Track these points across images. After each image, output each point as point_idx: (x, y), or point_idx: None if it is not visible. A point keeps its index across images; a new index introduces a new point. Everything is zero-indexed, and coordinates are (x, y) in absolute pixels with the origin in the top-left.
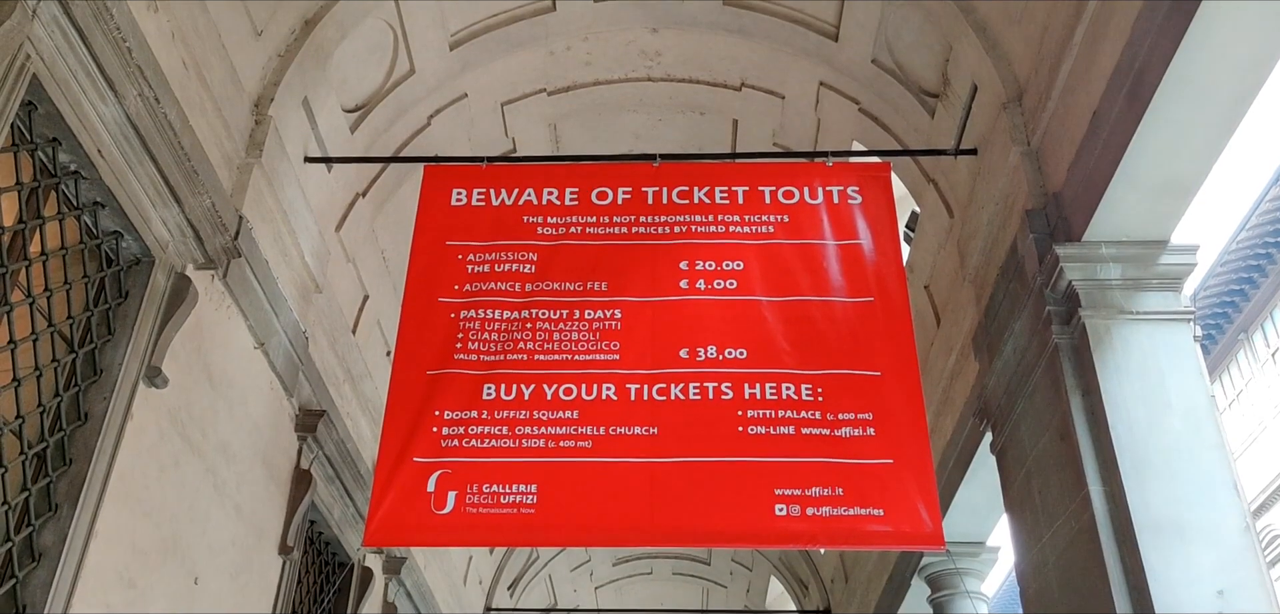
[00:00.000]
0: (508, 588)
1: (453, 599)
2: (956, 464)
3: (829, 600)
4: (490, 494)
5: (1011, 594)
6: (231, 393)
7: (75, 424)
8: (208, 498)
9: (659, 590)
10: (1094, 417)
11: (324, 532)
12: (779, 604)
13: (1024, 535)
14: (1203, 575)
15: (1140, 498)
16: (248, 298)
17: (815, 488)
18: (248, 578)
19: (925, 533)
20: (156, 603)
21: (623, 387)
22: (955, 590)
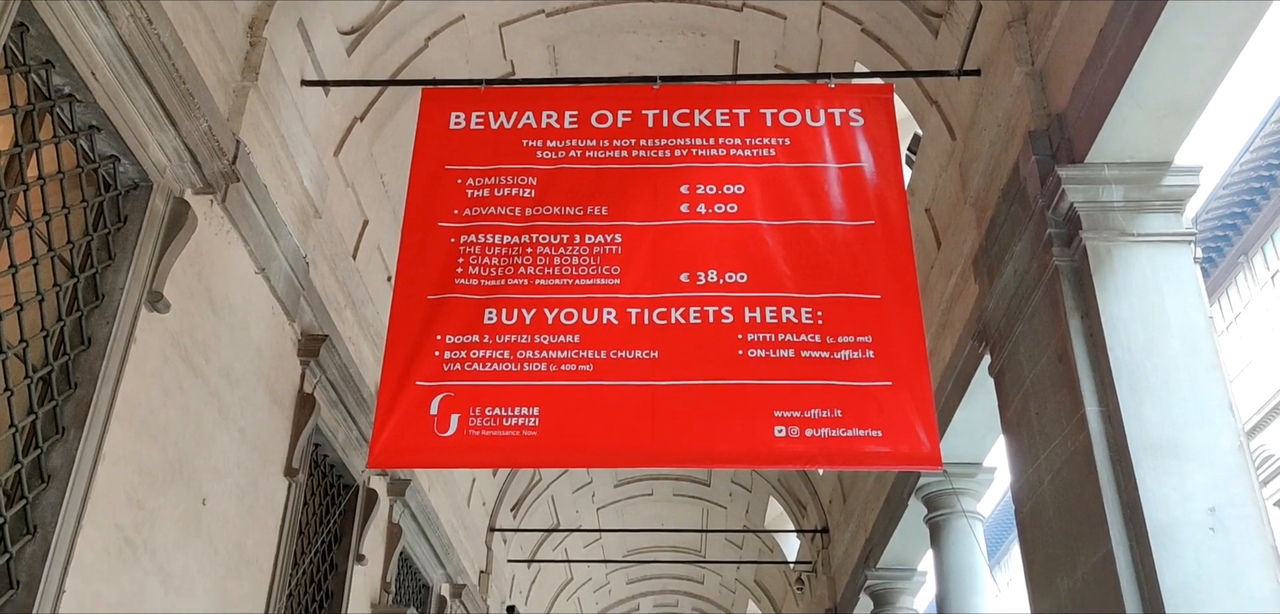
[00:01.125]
0: (511, 509)
1: (457, 520)
2: (955, 386)
3: (827, 520)
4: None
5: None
6: (233, 318)
7: (79, 348)
8: (212, 422)
9: (659, 511)
10: (1092, 338)
11: (328, 455)
12: (778, 525)
13: (1020, 456)
14: (1195, 493)
15: (1136, 418)
16: (247, 223)
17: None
18: (254, 500)
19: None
20: (165, 524)
21: (623, 311)
22: (951, 510)
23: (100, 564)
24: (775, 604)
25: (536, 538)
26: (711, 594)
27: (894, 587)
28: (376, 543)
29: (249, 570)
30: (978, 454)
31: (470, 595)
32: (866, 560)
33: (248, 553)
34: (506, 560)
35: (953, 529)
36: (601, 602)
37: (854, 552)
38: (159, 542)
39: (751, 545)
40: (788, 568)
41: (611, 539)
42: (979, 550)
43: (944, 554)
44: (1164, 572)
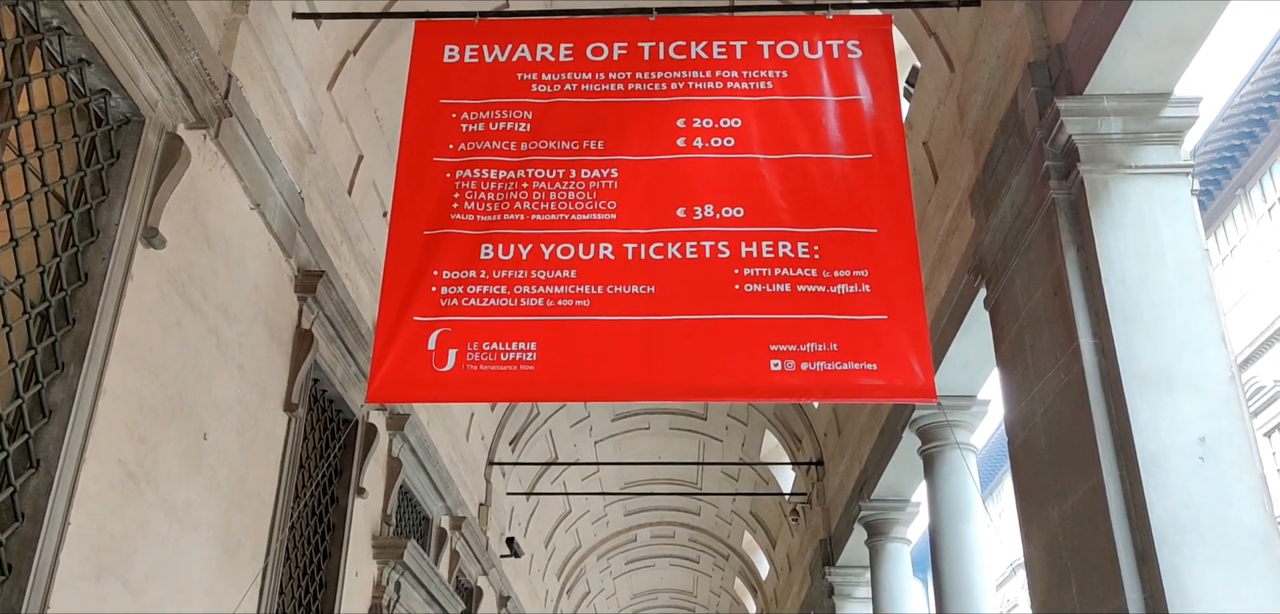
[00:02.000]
0: (509, 443)
1: (456, 454)
2: (950, 319)
3: (822, 453)
4: (490, 352)
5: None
6: (230, 254)
7: (76, 284)
8: (211, 357)
9: (656, 445)
10: (1088, 271)
11: (327, 390)
12: (773, 457)
13: (1014, 388)
14: (1186, 424)
15: (1129, 350)
16: (241, 158)
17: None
18: (254, 435)
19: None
20: (167, 458)
21: (620, 246)
22: (945, 442)
23: (104, 497)
24: (770, 535)
25: (535, 471)
26: (707, 525)
27: (888, 517)
28: (377, 477)
29: (251, 503)
30: (972, 387)
31: (470, 527)
32: (861, 492)
33: (249, 486)
34: (505, 493)
35: (946, 461)
36: (599, 533)
37: (848, 483)
38: (161, 475)
39: (747, 478)
40: (783, 500)
41: (609, 472)
42: (972, 481)
43: (937, 485)
44: (1153, 500)
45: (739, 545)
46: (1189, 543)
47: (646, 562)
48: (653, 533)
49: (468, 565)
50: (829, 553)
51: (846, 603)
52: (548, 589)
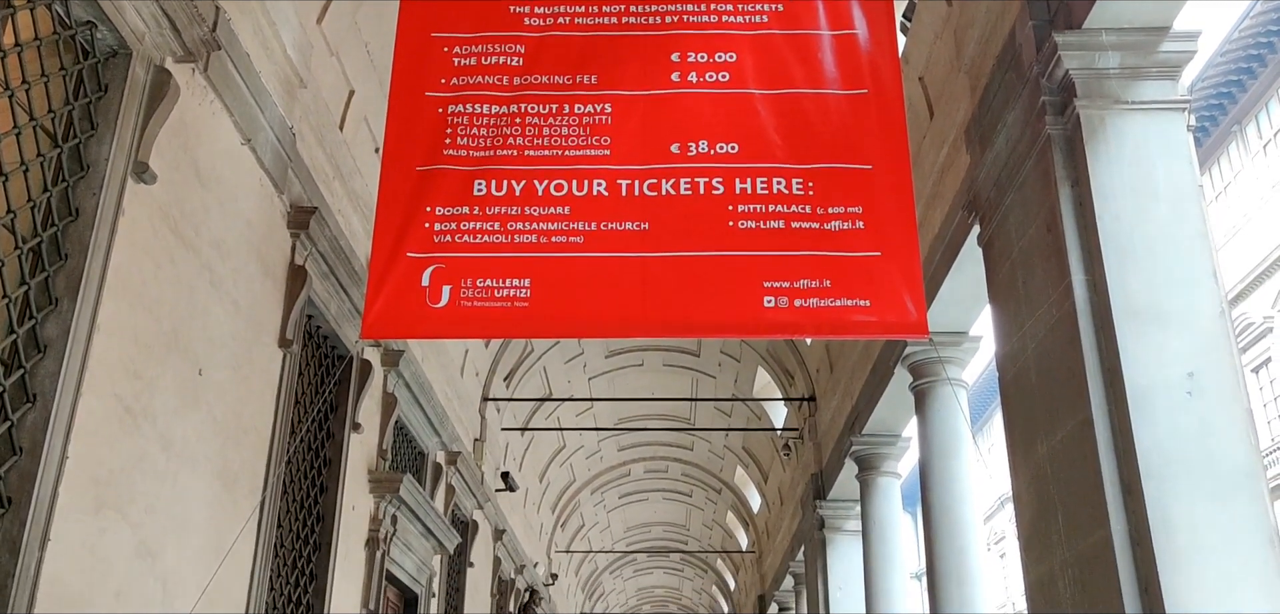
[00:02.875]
0: (504, 379)
1: (450, 390)
2: (944, 256)
3: (814, 389)
4: (484, 288)
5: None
6: (221, 189)
7: (67, 219)
8: (205, 293)
9: (650, 381)
10: (1081, 207)
11: (321, 326)
12: (766, 393)
13: (1006, 324)
14: (1175, 359)
15: (1121, 286)
16: (231, 92)
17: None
18: (250, 371)
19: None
20: (163, 393)
21: (614, 182)
22: (937, 378)
23: (101, 431)
24: (762, 470)
25: (529, 407)
26: (700, 460)
27: (878, 452)
28: (372, 412)
29: (248, 438)
30: (964, 323)
31: (465, 462)
32: (852, 427)
33: (246, 422)
34: (500, 429)
35: (937, 396)
36: (593, 468)
37: (840, 419)
38: (158, 410)
39: (740, 413)
40: (775, 435)
41: (603, 408)
42: (962, 416)
43: (928, 420)
44: (1140, 433)
45: (731, 480)
46: (1174, 475)
47: (640, 496)
48: (646, 468)
49: (463, 500)
50: (820, 487)
51: (837, 536)
52: (543, 523)
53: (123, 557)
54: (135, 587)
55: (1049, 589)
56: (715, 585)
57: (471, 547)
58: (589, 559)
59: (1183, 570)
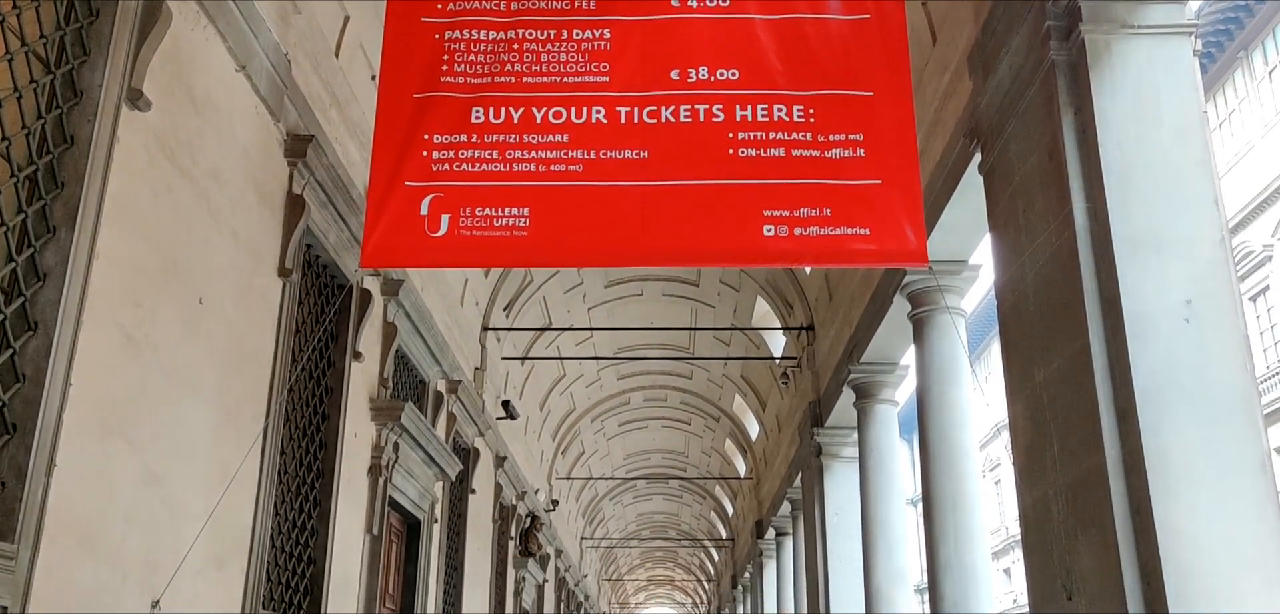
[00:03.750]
0: (503, 309)
1: (450, 320)
2: (944, 184)
3: (813, 318)
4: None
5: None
6: (217, 117)
7: (62, 147)
8: (204, 223)
9: (649, 310)
10: (1084, 134)
11: (320, 256)
12: (765, 323)
13: (1005, 253)
14: (1173, 286)
15: (1122, 213)
16: (224, 18)
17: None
18: (250, 300)
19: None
20: (164, 323)
21: (613, 109)
22: (935, 306)
23: (104, 359)
24: (760, 398)
25: (529, 336)
26: (699, 389)
27: (876, 380)
28: (372, 341)
29: (249, 367)
30: (963, 252)
31: (466, 391)
32: (850, 356)
33: (247, 350)
34: (500, 358)
35: (936, 325)
36: (593, 396)
37: (838, 347)
38: (160, 339)
39: (738, 343)
40: (773, 364)
41: (602, 337)
42: (961, 345)
43: (926, 349)
44: (1136, 360)
45: (730, 408)
46: (1170, 401)
47: (639, 424)
48: (645, 396)
49: (464, 427)
50: (818, 415)
51: (834, 463)
52: (543, 450)
53: (129, 482)
54: (143, 511)
55: (1042, 514)
56: (713, 511)
57: (473, 474)
58: (589, 486)
59: (1174, 495)
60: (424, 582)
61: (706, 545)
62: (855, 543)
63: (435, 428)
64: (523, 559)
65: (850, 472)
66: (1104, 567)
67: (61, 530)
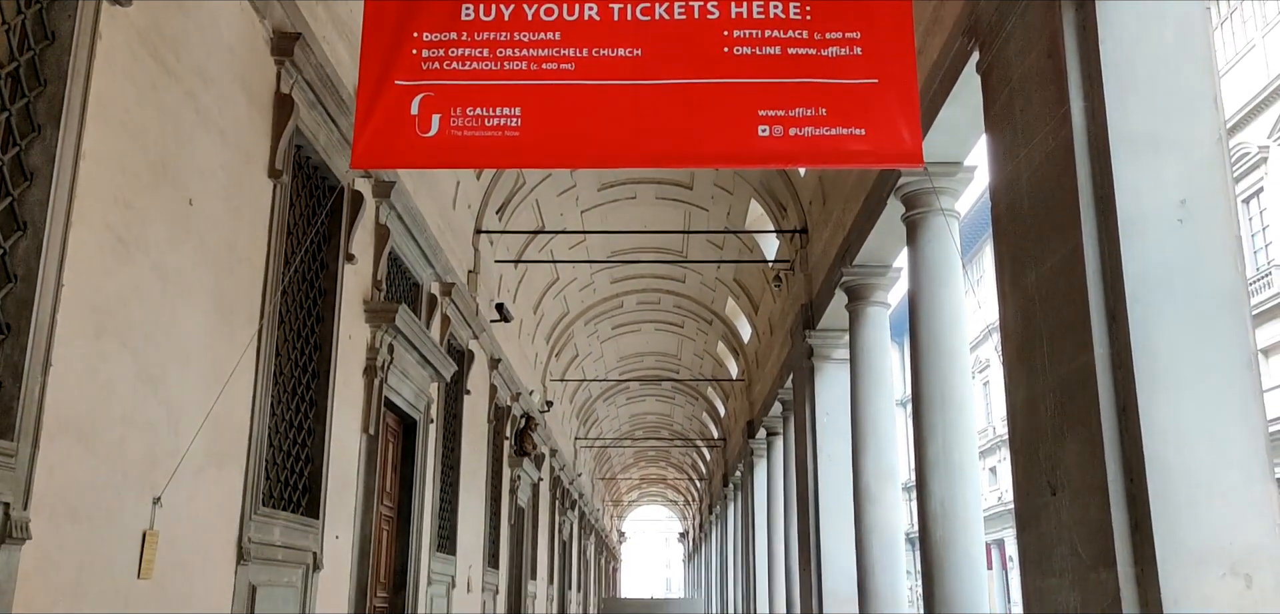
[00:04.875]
0: (496, 212)
1: (443, 222)
2: (941, 84)
3: (806, 221)
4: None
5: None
6: (201, 14)
7: (43, 44)
8: (191, 123)
9: (642, 213)
10: (1084, 31)
11: (311, 157)
12: (758, 226)
13: (1001, 153)
14: (1169, 186)
15: (1119, 112)
16: None
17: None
18: (240, 201)
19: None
20: (154, 224)
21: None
22: (929, 208)
23: (95, 261)
24: (753, 301)
25: (522, 240)
26: (692, 292)
27: (869, 282)
28: (365, 244)
29: (242, 269)
30: (959, 153)
31: (459, 294)
32: (843, 258)
33: (239, 252)
34: (494, 261)
35: (929, 227)
36: (587, 300)
37: (831, 250)
38: (151, 240)
39: (732, 246)
40: (766, 267)
41: (596, 241)
42: (954, 247)
43: (919, 251)
44: (1128, 260)
45: (722, 311)
46: (1159, 301)
47: (633, 327)
48: (639, 299)
49: (458, 330)
50: (810, 317)
51: (825, 364)
52: (537, 353)
53: (125, 383)
54: (140, 411)
55: (1030, 413)
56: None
57: (468, 375)
58: (583, 388)
59: (1161, 393)
60: (421, 480)
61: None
62: (845, 442)
63: (429, 330)
64: (518, 459)
65: (841, 373)
66: (1088, 463)
67: (60, 429)
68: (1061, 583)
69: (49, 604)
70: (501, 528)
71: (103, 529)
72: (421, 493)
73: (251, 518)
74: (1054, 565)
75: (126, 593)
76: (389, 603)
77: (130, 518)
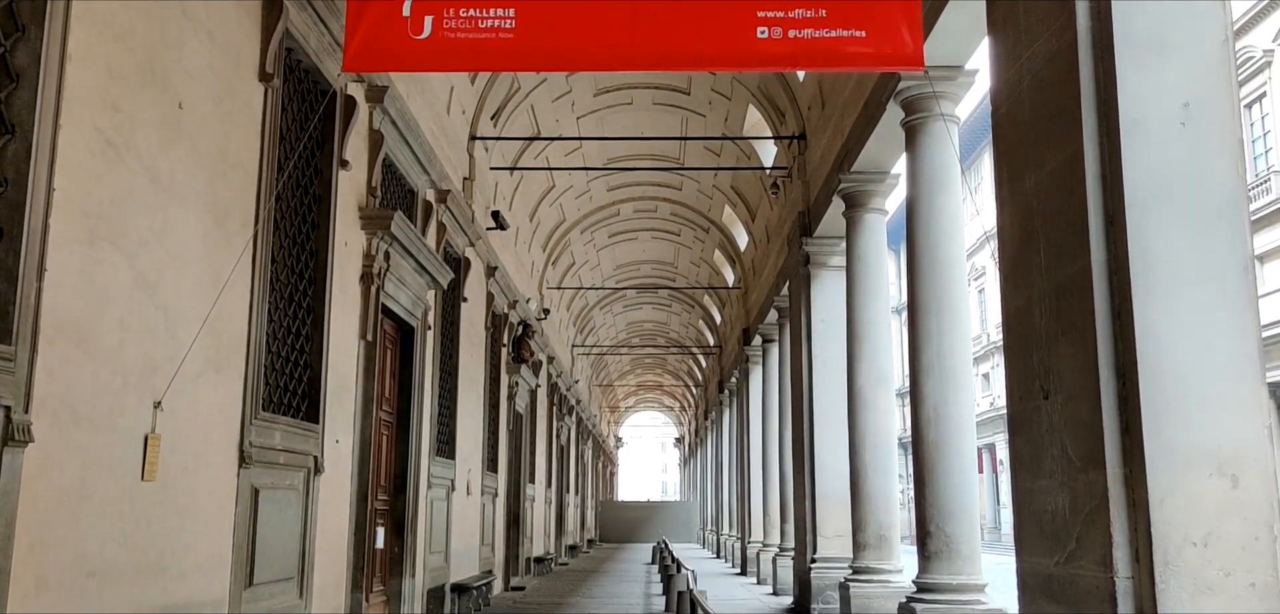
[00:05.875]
0: (491, 118)
1: (437, 129)
2: None
3: (804, 127)
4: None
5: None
6: None
7: None
8: (178, 24)
9: (639, 119)
10: None
11: (302, 61)
12: (756, 132)
13: (1003, 55)
14: (1172, 88)
15: (1125, 12)
16: None
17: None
18: (231, 105)
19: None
20: (144, 128)
21: None
22: (929, 113)
23: (85, 164)
24: (749, 208)
25: (517, 147)
26: (689, 200)
27: (866, 189)
28: (359, 150)
29: (235, 174)
30: (960, 57)
31: (455, 201)
32: (841, 164)
33: (232, 157)
34: (489, 168)
35: (929, 132)
36: (583, 207)
37: (829, 156)
38: (141, 144)
39: (729, 152)
40: (763, 174)
41: (592, 147)
42: (953, 152)
43: (918, 156)
44: (1129, 164)
45: (719, 219)
46: (1158, 205)
47: (629, 235)
48: (635, 207)
49: (454, 237)
50: (807, 224)
51: (821, 271)
52: (534, 260)
53: (121, 288)
54: (137, 316)
55: (1025, 319)
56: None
57: (465, 283)
58: (579, 295)
59: (1156, 298)
60: (419, 386)
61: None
62: (839, 348)
63: (425, 237)
64: (515, 366)
65: (837, 280)
66: (1081, 367)
67: (57, 334)
68: (1051, 484)
69: (54, 504)
70: (500, 433)
71: (105, 432)
72: (420, 399)
73: (252, 423)
74: (1044, 467)
75: (131, 494)
76: (390, 505)
77: (132, 422)
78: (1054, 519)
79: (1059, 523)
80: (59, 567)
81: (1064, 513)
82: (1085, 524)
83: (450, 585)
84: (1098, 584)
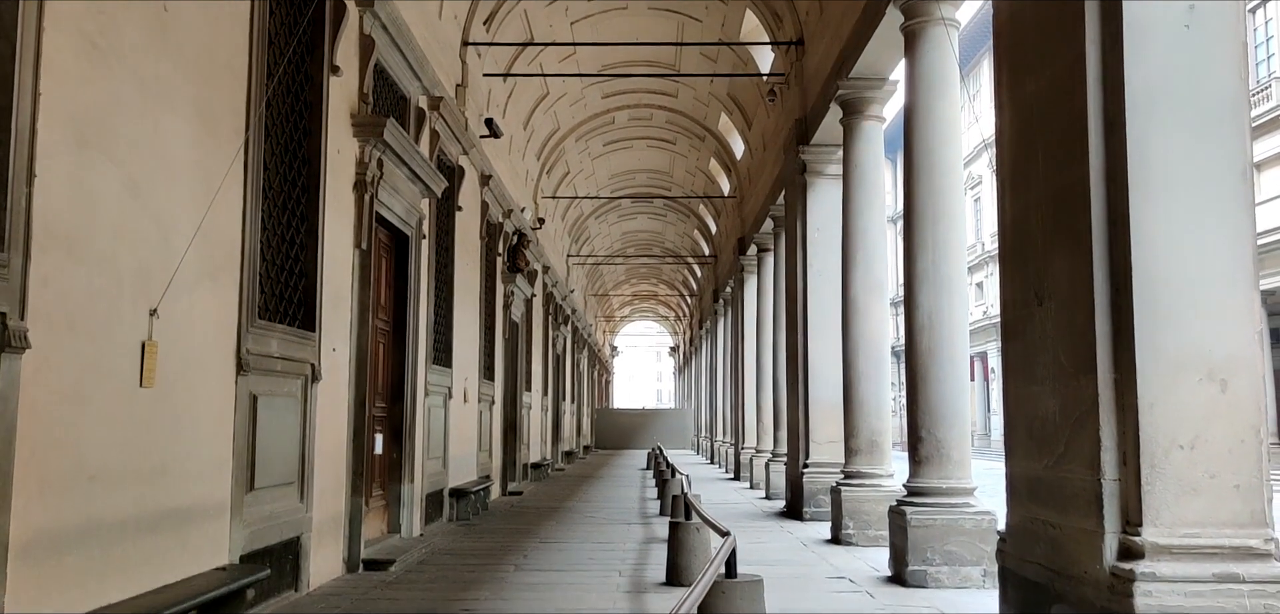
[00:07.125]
0: (484, 23)
1: (429, 35)
2: None
3: (802, 32)
4: None
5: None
6: None
7: None
8: None
9: (635, 24)
10: None
11: None
12: (753, 37)
13: None
14: None
15: None
16: None
17: None
18: (219, 9)
19: None
20: (130, 29)
21: None
22: (929, 18)
23: (71, 68)
24: (746, 116)
25: (511, 53)
26: (685, 107)
27: (864, 96)
28: (350, 55)
29: (224, 79)
30: None
31: (448, 108)
32: (839, 71)
33: (220, 62)
34: (482, 75)
35: (928, 37)
36: (577, 115)
37: (827, 63)
38: (127, 47)
39: (726, 59)
40: (760, 81)
41: (586, 53)
42: (953, 57)
43: (917, 62)
44: (1131, 69)
45: (715, 127)
46: (1160, 111)
47: (624, 143)
48: (630, 115)
49: (448, 145)
50: (804, 132)
51: (818, 180)
52: (528, 169)
53: (112, 194)
54: (130, 224)
55: (1022, 226)
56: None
57: (459, 191)
58: (575, 205)
59: (1153, 203)
60: (415, 295)
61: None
62: (835, 257)
63: (419, 145)
64: (511, 275)
65: (833, 188)
66: (1076, 272)
67: (50, 241)
68: (1042, 389)
69: (54, 409)
70: (496, 342)
71: (101, 339)
72: (416, 307)
73: (248, 330)
74: (1036, 373)
75: (130, 400)
76: (387, 412)
77: (128, 329)
78: (1044, 424)
79: (1049, 428)
80: (61, 470)
81: (1054, 417)
82: (1074, 428)
83: (449, 490)
84: (1084, 486)
